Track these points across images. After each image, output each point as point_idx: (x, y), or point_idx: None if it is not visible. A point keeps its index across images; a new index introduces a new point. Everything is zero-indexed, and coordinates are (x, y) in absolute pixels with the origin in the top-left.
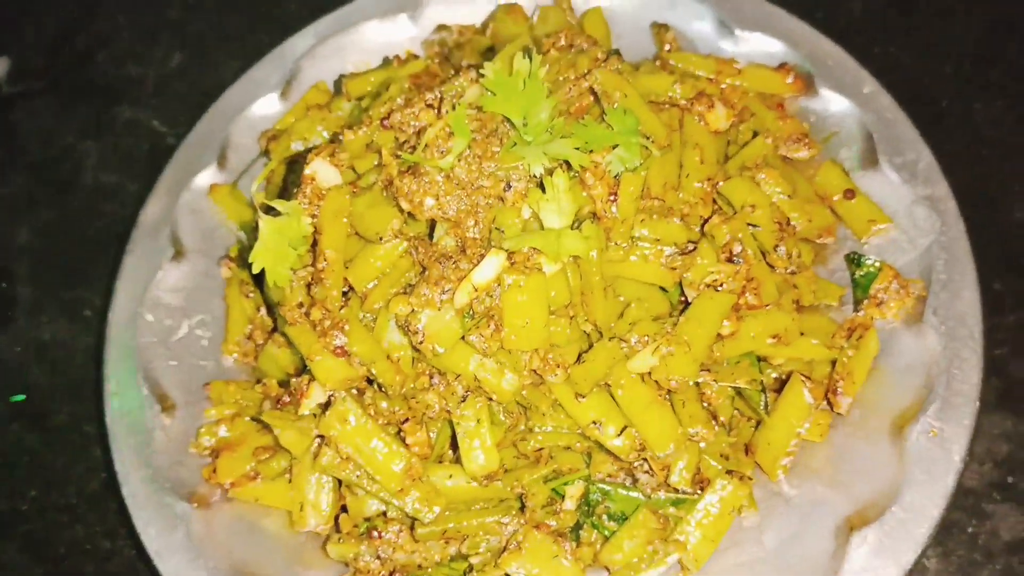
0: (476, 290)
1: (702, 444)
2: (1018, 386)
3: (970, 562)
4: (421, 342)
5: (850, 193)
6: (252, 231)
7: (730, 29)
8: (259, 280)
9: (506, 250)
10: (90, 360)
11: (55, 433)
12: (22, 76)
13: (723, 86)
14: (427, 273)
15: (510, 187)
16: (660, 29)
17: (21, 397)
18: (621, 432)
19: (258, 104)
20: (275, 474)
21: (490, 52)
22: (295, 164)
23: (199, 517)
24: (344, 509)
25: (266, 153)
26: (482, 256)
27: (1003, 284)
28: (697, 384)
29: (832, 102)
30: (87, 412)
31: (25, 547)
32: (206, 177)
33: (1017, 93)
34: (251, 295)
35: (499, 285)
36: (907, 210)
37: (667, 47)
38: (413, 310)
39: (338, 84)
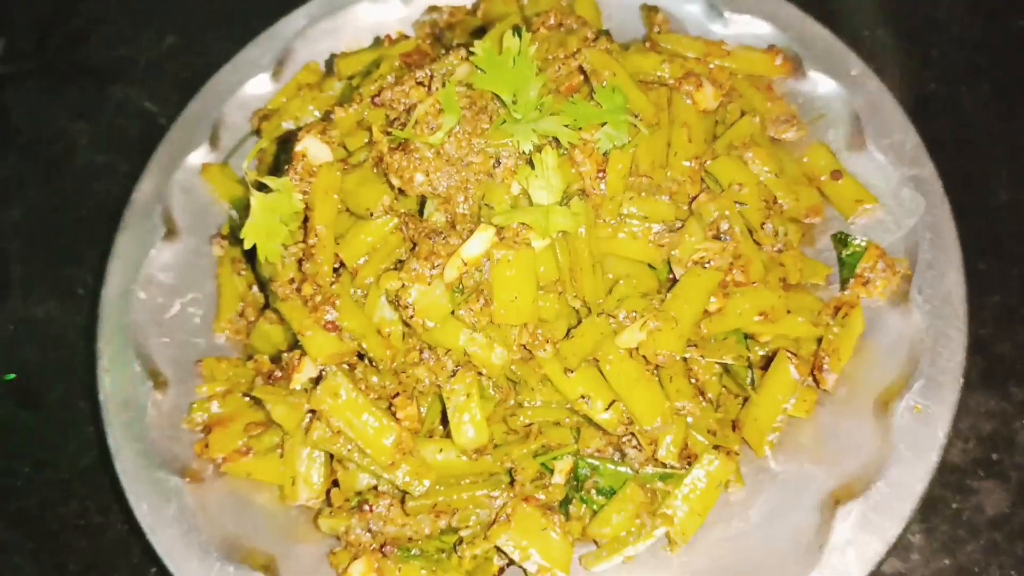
0: (465, 265)
1: (689, 419)
2: (1002, 365)
3: (954, 538)
4: (411, 317)
5: (837, 174)
6: (244, 209)
7: (719, 11)
8: (251, 257)
9: (495, 225)
10: (82, 338)
11: (48, 410)
12: (14, 57)
13: (711, 66)
14: (417, 248)
15: (499, 163)
16: (650, 11)
17: (12, 376)
18: (609, 406)
19: (250, 84)
20: (267, 449)
21: (480, 32)
22: (286, 143)
23: (191, 492)
24: (335, 483)
25: (258, 132)
26: (471, 231)
27: (987, 264)
28: (684, 360)
29: (820, 84)
30: (79, 389)
31: (18, 523)
32: (198, 156)
33: (1002, 77)
34: (243, 273)
35: (488, 260)
36: (893, 191)
37: (656, 29)
38: (403, 285)
39: (329, 64)
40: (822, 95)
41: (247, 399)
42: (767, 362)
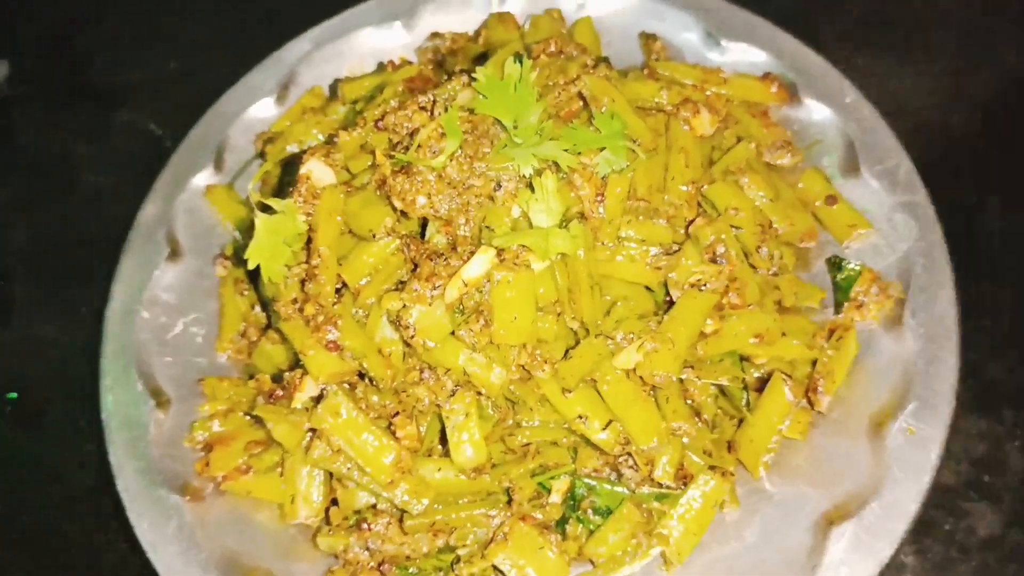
0: (466, 285)
1: (685, 439)
2: (994, 388)
3: (947, 559)
4: (412, 336)
5: (832, 199)
6: (247, 231)
7: (716, 40)
8: (254, 277)
9: (496, 247)
10: (84, 358)
11: (49, 429)
12: (20, 80)
13: (708, 93)
14: (419, 270)
15: (500, 187)
16: (648, 39)
17: (15, 395)
18: (606, 426)
19: (254, 108)
20: (267, 468)
21: (482, 58)
22: (290, 165)
23: (192, 510)
24: (335, 502)
25: (262, 155)
26: (472, 253)
27: (979, 289)
28: (681, 381)
29: (815, 111)
30: (81, 409)
31: (18, 542)
32: (203, 178)
33: (994, 104)
34: (245, 293)
35: (488, 281)
36: (887, 216)
37: (655, 56)
38: (404, 305)
39: (333, 88)
40: (817, 122)
41: (248, 418)
42: (762, 384)
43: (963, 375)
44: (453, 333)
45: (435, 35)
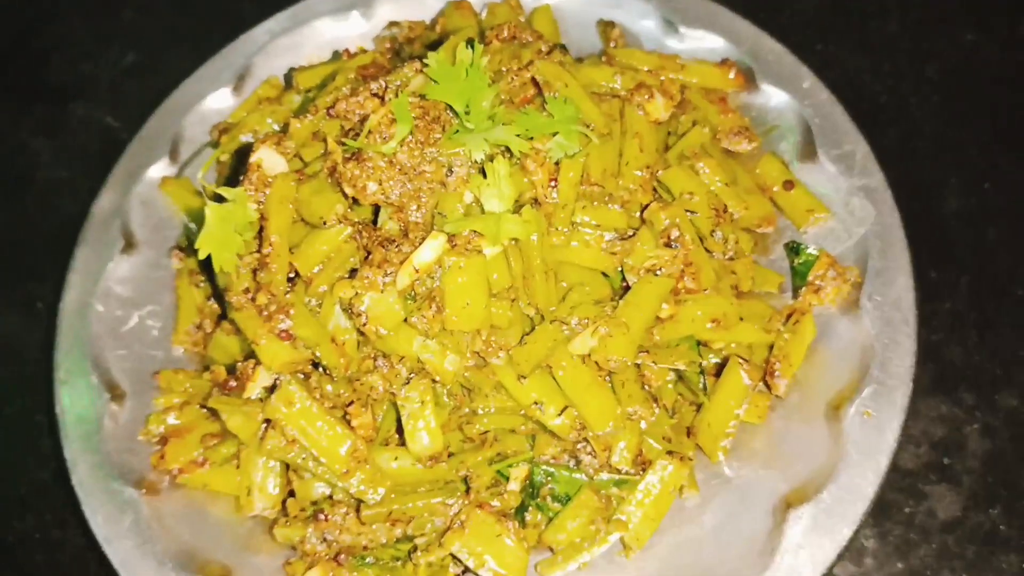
0: (417, 272)
1: (643, 424)
2: (953, 370)
3: (907, 541)
4: (365, 324)
5: (789, 184)
6: (200, 221)
7: (674, 27)
8: (208, 268)
9: (447, 233)
10: (41, 354)
11: (4, 425)
12: None
13: (663, 79)
14: (371, 257)
15: (452, 172)
16: (606, 26)
17: None
18: (562, 412)
19: (211, 99)
20: (223, 460)
21: (437, 45)
22: (244, 155)
23: (148, 503)
24: (291, 494)
25: (216, 145)
26: (424, 239)
27: (938, 273)
28: (637, 366)
29: (772, 97)
30: (37, 404)
31: None
32: (158, 170)
33: (951, 88)
34: (201, 285)
35: (440, 267)
36: (844, 200)
37: (613, 44)
38: (357, 293)
39: (289, 78)
40: (774, 107)
41: (204, 411)
42: (720, 369)
43: (922, 358)
44: (406, 320)
45: (392, 24)
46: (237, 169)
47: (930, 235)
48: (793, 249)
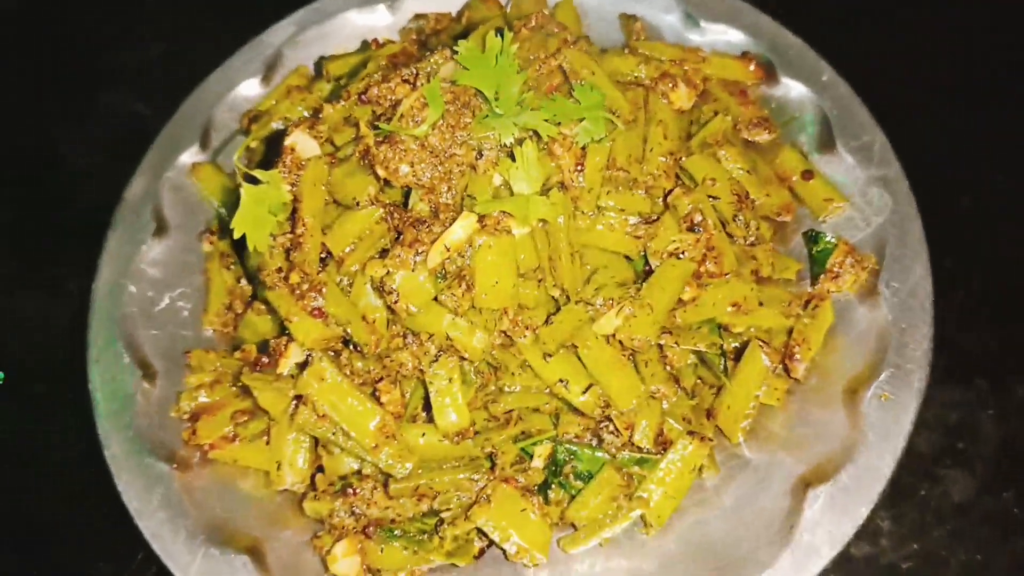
0: (448, 250)
1: (664, 404)
2: (967, 359)
3: (922, 523)
4: (396, 302)
5: (808, 174)
6: (232, 207)
7: (696, 21)
8: (240, 250)
9: (477, 213)
10: (69, 335)
11: (34, 404)
12: (3, 61)
13: (686, 68)
14: (402, 236)
15: (482, 155)
16: (628, 20)
17: (1, 374)
18: (586, 390)
19: (240, 87)
20: (253, 436)
21: (464, 36)
22: (274, 142)
23: (179, 478)
24: (320, 469)
25: (246, 132)
26: (454, 220)
27: (953, 263)
28: (660, 347)
29: (792, 89)
30: (65, 386)
31: (4, 513)
32: (188, 156)
33: (967, 83)
34: (231, 267)
35: (470, 246)
36: (862, 190)
37: (635, 37)
38: (388, 271)
39: (318, 67)
40: (794, 99)
41: (234, 388)
42: (740, 353)
43: (936, 347)
44: (436, 299)
45: (418, 16)
46: (267, 156)
47: (945, 226)
48: (812, 237)
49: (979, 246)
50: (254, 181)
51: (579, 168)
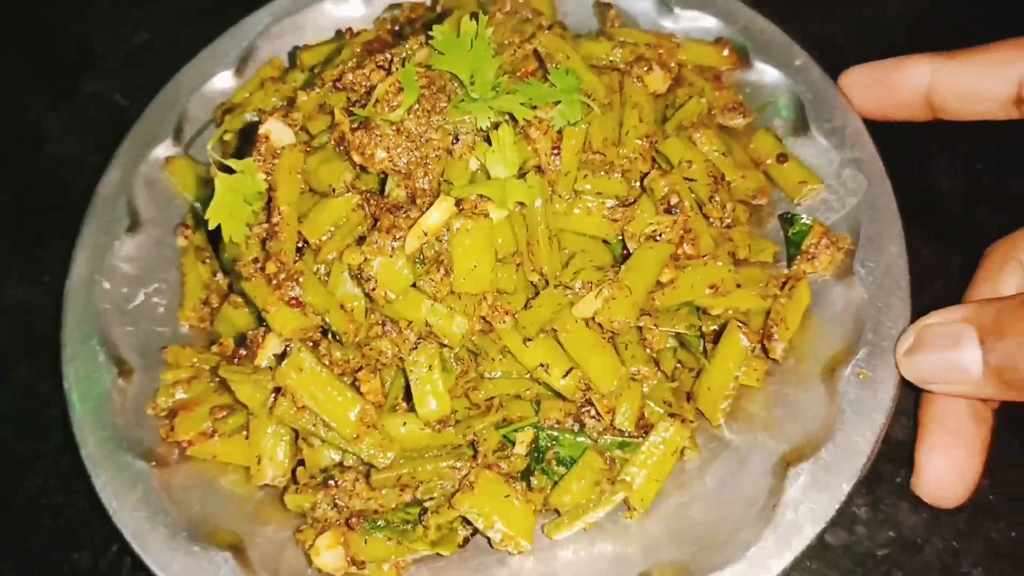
0: (426, 234)
1: (645, 387)
2: None
3: (898, 510)
4: (374, 289)
5: (783, 157)
6: (206, 199)
7: (669, 7)
8: (215, 243)
9: (455, 197)
10: (49, 321)
11: (12, 391)
12: None
13: (660, 52)
14: (379, 222)
15: (458, 139)
16: (603, 7)
17: None
18: (567, 373)
19: (214, 80)
20: (232, 431)
21: (438, 23)
22: (248, 133)
23: (157, 476)
24: (301, 463)
25: (219, 124)
26: (431, 205)
27: (931, 252)
28: (640, 329)
29: (766, 74)
30: (45, 372)
31: None
32: (162, 150)
33: None
34: (207, 261)
35: (448, 230)
36: (836, 172)
37: (609, 24)
38: (366, 258)
39: (292, 58)
40: (767, 84)
41: (212, 384)
42: (718, 336)
43: None
44: (414, 285)
45: (393, 6)
46: (241, 147)
47: (922, 214)
48: (787, 220)
49: (957, 235)
50: (228, 171)
51: (555, 151)
